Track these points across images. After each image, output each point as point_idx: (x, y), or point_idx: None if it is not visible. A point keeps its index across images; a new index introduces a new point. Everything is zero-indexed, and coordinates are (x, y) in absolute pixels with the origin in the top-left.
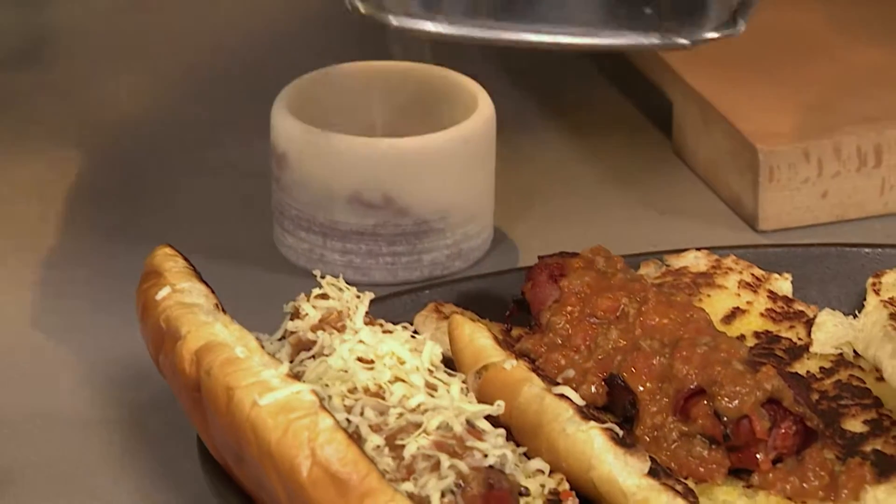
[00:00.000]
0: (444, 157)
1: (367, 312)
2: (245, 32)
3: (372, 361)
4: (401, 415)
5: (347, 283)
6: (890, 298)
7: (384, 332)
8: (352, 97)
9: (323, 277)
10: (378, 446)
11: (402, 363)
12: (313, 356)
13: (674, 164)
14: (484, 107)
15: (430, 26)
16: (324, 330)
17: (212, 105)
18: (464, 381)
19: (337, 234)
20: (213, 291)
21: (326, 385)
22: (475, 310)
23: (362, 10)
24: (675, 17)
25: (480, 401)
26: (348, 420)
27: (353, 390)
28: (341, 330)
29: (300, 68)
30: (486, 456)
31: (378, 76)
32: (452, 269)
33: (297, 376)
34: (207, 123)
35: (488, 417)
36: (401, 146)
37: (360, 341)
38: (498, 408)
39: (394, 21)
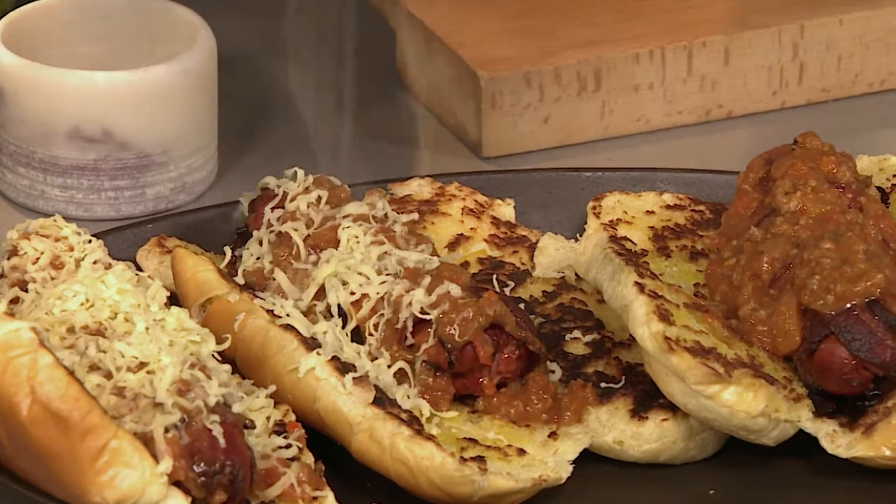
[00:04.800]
0: (163, 89)
1: (88, 249)
2: None
3: (92, 299)
4: (122, 353)
5: (70, 219)
6: (610, 221)
7: (105, 268)
8: (70, 30)
9: (45, 215)
10: (99, 384)
11: (122, 300)
12: (32, 295)
13: (398, 93)
14: (204, 38)
15: None
16: (43, 268)
17: None
18: (188, 315)
19: (57, 169)
20: None
21: (47, 330)
22: (199, 243)
23: None
24: None
25: None
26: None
27: (72, 329)
28: (60, 267)
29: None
30: (209, 391)
31: (97, 8)
32: (177, 202)
33: (15, 315)
34: None
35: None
36: (118, 79)
37: (79, 279)
38: (223, 342)
39: None
